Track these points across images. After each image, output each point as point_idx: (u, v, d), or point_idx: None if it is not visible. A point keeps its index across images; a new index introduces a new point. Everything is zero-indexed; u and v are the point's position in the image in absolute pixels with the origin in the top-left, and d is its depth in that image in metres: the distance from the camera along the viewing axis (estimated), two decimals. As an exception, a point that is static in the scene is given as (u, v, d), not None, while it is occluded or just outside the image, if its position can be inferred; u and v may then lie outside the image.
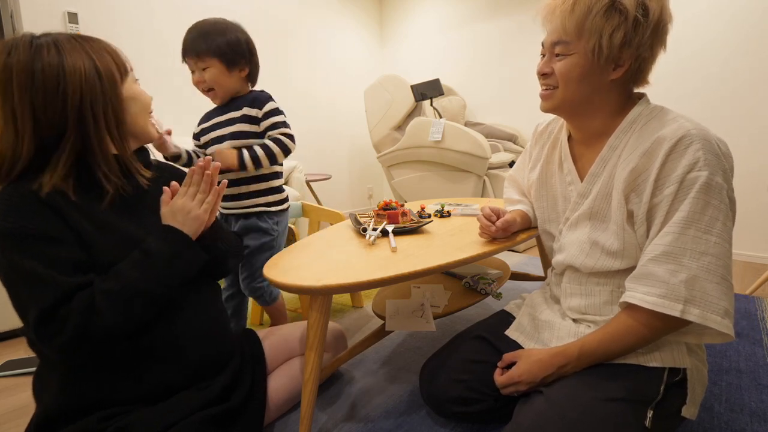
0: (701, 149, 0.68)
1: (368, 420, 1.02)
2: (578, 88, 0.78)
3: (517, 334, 0.95)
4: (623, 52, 0.74)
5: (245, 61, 1.22)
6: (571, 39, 0.75)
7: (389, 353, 1.35)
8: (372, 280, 0.79)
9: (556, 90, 0.80)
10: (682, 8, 2.39)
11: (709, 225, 0.67)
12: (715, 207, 0.67)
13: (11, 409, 1.13)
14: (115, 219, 0.77)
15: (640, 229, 0.75)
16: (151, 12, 2.60)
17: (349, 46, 3.88)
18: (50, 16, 2.22)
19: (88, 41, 0.76)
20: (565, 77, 0.78)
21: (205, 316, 0.86)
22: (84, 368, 0.73)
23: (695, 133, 0.69)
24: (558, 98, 0.81)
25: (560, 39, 0.76)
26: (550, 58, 0.80)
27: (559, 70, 0.78)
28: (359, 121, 3.95)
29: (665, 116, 0.75)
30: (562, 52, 0.77)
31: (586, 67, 0.76)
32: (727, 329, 0.66)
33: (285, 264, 0.92)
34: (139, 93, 0.82)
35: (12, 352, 1.46)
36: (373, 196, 4.28)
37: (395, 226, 1.11)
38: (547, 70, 0.80)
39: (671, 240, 0.68)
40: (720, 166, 0.68)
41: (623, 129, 0.79)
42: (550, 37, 0.79)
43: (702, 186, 0.67)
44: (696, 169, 0.67)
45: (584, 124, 0.85)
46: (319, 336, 0.86)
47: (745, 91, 2.25)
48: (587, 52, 0.74)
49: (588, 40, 0.73)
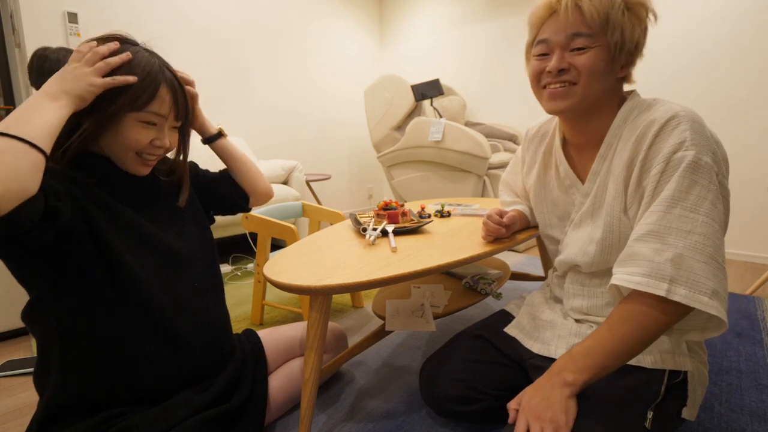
0: (689, 129, 0.67)
1: (368, 420, 1.02)
2: (599, 84, 0.75)
3: (515, 332, 0.94)
4: (635, 51, 0.75)
5: None
6: (595, 31, 0.72)
7: (389, 353, 1.35)
8: (372, 280, 0.79)
9: (574, 87, 0.76)
10: (682, 8, 2.39)
11: (696, 204, 0.65)
12: (703, 186, 0.65)
13: (11, 409, 1.13)
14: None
15: (634, 217, 0.74)
16: (151, 12, 2.60)
17: (349, 46, 3.88)
18: (50, 16, 2.22)
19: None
20: (591, 70, 0.74)
21: (207, 315, 0.86)
22: (81, 365, 0.72)
23: (683, 115, 0.68)
24: (579, 95, 0.76)
25: (582, 31, 0.73)
26: (563, 54, 0.76)
27: (583, 63, 0.74)
28: (359, 121, 3.96)
29: (656, 104, 0.74)
30: (586, 44, 0.73)
31: (608, 61, 0.74)
32: (717, 311, 0.62)
33: (285, 264, 0.92)
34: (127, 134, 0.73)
35: (12, 352, 1.46)
36: (373, 196, 4.28)
37: (395, 226, 1.11)
38: (565, 65, 0.76)
39: (656, 219, 0.66)
40: (709, 147, 0.67)
41: (617, 125, 0.78)
42: (564, 31, 0.75)
43: (688, 165, 0.65)
44: (683, 148, 0.66)
45: (588, 126, 0.82)
46: (319, 336, 0.86)
47: (745, 91, 2.24)
48: (610, 46, 0.73)
49: (612, 33, 0.72)
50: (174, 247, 0.82)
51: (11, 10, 2.28)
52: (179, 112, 0.78)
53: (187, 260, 0.85)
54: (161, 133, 0.76)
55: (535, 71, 0.81)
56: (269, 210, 1.69)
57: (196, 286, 0.85)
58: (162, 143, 0.76)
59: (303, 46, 3.48)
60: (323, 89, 3.69)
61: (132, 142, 0.73)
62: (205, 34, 2.86)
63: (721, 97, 2.31)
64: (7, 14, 2.41)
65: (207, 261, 0.90)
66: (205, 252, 0.90)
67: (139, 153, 0.75)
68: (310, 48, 3.54)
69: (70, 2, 2.27)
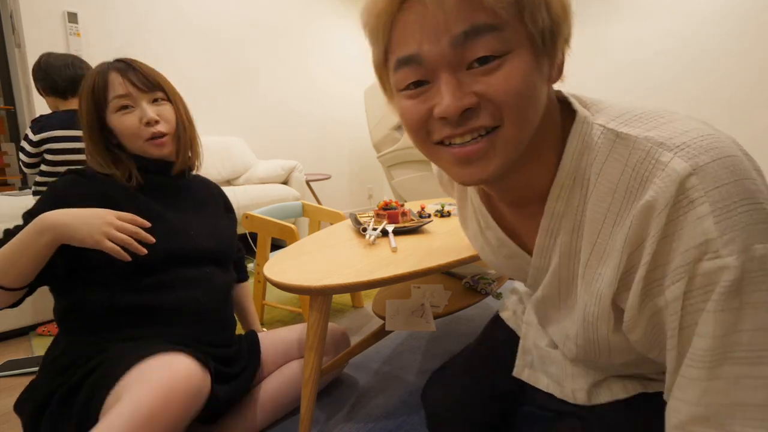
0: (711, 213, 0.35)
1: (368, 420, 1.02)
2: (534, 112, 0.42)
3: (528, 373, 0.72)
4: (559, 38, 0.42)
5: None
6: (502, 19, 0.38)
7: (389, 353, 1.35)
8: (372, 280, 0.79)
9: (498, 132, 0.42)
10: (682, 8, 2.39)
11: (756, 341, 0.35)
12: (759, 305, 0.34)
13: (11, 409, 1.13)
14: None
15: (642, 342, 0.45)
16: (151, 12, 2.60)
17: (349, 46, 3.88)
18: (50, 16, 2.22)
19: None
20: (521, 97, 0.40)
21: (213, 296, 0.90)
22: (85, 327, 0.79)
23: (695, 182, 0.36)
24: (510, 145, 0.42)
25: (481, 22, 0.38)
26: (457, 78, 0.40)
27: (500, 87, 0.39)
28: (359, 121, 3.95)
29: (629, 150, 0.40)
30: (493, 50, 0.39)
31: (535, 66, 0.41)
32: None
33: (285, 264, 0.92)
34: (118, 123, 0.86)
35: (12, 352, 1.46)
36: (373, 196, 4.28)
37: (395, 226, 1.11)
38: (470, 101, 0.40)
39: (699, 393, 0.37)
40: (754, 224, 0.34)
41: (561, 182, 0.47)
42: (448, 29, 0.39)
43: (728, 288, 0.34)
44: (710, 253, 0.35)
45: (528, 179, 0.49)
46: (318, 336, 0.86)
47: (745, 91, 2.25)
48: (533, 38, 0.40)
49: (532, 13, 0.39)
50: (199, 243, 0.90)
51: (11, 10, 2.28)
52: (138, 83, 0.84)
53: (208, 256, 0.92)
54: (142, 111, 0.84)
55: (415, 120, 0.45)
56: (269, 210, 1.69)
57: (213, 282, 0.91)
58: (148, 118, 0.84)
59: (303, 46, 3.48)
60: (323, 89, 3.69)
61: (125, 130, 0.84)
62: (205, 34, 2.86)
63: (721, 97, 2.32)
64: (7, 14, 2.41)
65: (225, 260, 0.99)
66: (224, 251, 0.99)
67: (143, 137, 0.85)
68: (310, 48, 3.54)
69: (70, 2, 2.27)
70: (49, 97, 1.50)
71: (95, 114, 0.84)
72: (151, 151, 0.86)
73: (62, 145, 1.45)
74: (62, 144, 1.44)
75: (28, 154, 1.46)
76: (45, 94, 1.50)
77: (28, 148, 1.45)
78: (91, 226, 0.73)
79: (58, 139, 1.44)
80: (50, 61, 1.46)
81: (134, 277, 0.79)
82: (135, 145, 0.86)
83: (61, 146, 1.44)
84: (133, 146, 0.86)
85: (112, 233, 0.74)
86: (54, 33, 2.24)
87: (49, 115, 1.47)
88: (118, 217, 0.77)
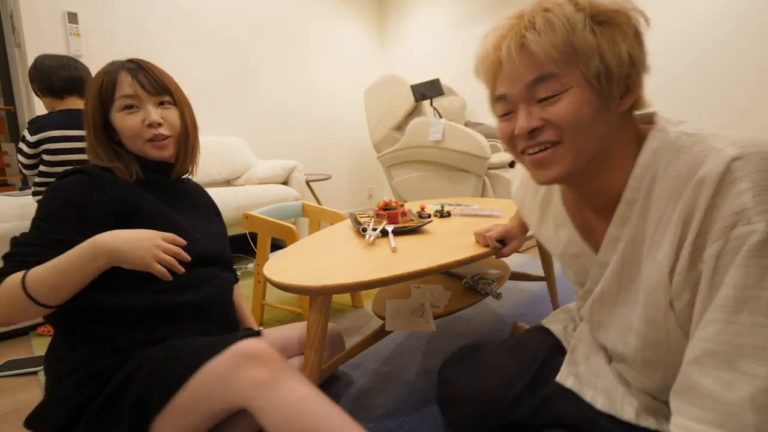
0: (751, 188, 0.44)
1: (368, 420, 1.02)
2: (593, 132, 0.56)
3: (572, 381, 0.75)
4: (632, 70, 0.54)
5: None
6: (560, 69, 0.54)
7: (389, 353, 1.35)
8: (372, 280, 0.79)
9: (560, 146, 0.57)
10: (682, 8, 2.39)
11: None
12: None
13: (11, 409, 1.13)
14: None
15: (684, 310, 0.53)
16: (151, 12, 2.60)
17: (349, 46, 3.89)
18: (50, 16, 2.23)
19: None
20: (573, 121, 0.54)
21: (221, 296, 0.92)
22: (95, 331, 0.77)
23: (740, 165, 0.46)
24: (569, 155, 0.57)
25: (542, 74, 0.55)
26: (530, 109, 0.58)
27: (559, 114, 0.55)
28: (359, 121, 3.96)
29: (695, 144, 0.51)
30: (555, 90, 0.55)
31: (595, 100, 0.54)
32: None
33: (285, 264, 0.92)
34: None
35: (12, 352, 1.46)
36: (373, 196, 4.28)
37: (395, 226, 1.11)
38: (536, 123, 0.57)
39: (716, 331, 0.45)
40: None
41: (639, 176, 0.57)
42: (519, 81, 0.57)
43: (755, 247, 0.43)
44: (743, 220, 0.44)
45: (604, 184, 0.61)
46: (318, 336, 0.86)
47: (745, 91, 2.25)
48: (590, 80, 0.54)
49: (587, 63, 0.53)
50: (203, 245, 0.90)
51: (11, 10, 2.29)
52: (147, 85, 0.84)
53: (211, 257, 0.92)
54: (147, 112, 0.84)
55: (505, 136, 0.64)
56: (269, 210, 1.69)
57: (220, 281, 0.91)
58: (151, 120, 0.84)
59: (303, 46, 3.48)
60: (323, 89, 3.70)
61: (127, 130, 0.84)
62: (205, 34, 2.87)
63: (721, 97, 2.32)
64: (7, 14, 2.41)
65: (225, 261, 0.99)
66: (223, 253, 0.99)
67: (143, 137, 0.85)
68: (310, 48, 3.55)
69: (70, 2, 2.27)
70: (46, 97, 1.51)
71: (101, 110, 0.84)
72: (150, 152, 0.87)
73: (60, 145, 1.45)
74: (60, 144, 1.45)
75: (26, 155, 1.46)
76: (41, 94, 1.51)
77: (25, 149, 1.45)
78: (141, 249, 0.76)
79: (55, 139, 1.44)
80: (46, 62, 1.47)
81: (149, 279, 0.79)
82: (135, 145, 0.86)
83: (58, 146, 1.45)
84: (133, 146, 0.86)
85: (160, 256, 0.77)
86: (54, 33, 2.24)
87: (45, 116, 1.48)
88: (163, 238, 0.79)
